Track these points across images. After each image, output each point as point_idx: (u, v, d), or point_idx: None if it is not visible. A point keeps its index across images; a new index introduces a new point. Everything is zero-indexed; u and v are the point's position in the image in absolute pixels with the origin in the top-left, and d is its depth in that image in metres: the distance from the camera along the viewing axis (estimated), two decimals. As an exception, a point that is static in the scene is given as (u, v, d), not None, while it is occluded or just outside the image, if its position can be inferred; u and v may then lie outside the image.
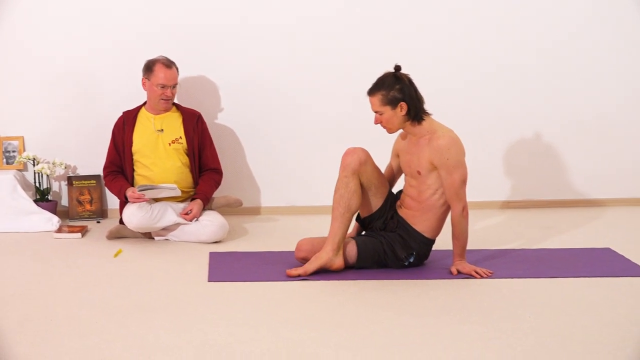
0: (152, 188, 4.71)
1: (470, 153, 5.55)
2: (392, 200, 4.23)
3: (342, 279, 4.00)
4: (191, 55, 5.37)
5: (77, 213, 5.40)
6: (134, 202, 4.72)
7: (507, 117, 5.62)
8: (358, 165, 4.05)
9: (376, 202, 4.20)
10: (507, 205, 5.71)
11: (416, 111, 4.01)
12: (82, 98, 5.41)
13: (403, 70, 4.03)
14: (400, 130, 4.17)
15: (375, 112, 4.05)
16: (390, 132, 4.13)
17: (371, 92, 4.04)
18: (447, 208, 4.11)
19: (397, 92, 3.97)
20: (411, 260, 4.14)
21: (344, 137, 4.32)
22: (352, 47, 5.46)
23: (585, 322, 3.41)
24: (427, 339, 3.24)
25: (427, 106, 4.07)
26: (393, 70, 4.04)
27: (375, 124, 4.10)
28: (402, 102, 3.98)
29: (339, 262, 4.07)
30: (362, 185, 4.10)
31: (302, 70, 5.49)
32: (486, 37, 5.54)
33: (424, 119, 4.04)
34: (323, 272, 4.06)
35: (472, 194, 5.61)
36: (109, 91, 5.39)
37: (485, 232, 4.98)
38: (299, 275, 4.03)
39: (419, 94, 4.04)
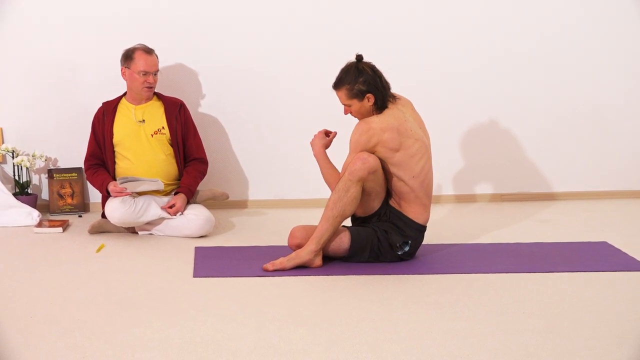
0: (133, 180, 4.63)
1: (466, 146, 5.59)
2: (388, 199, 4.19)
3: (333, 274, 3.98)
4: (174, 43, 5.30)
5: (58, 207, 5.32)
6: (116, 196, 4.64)
7: (500, 109, 5.58)
8: (366, 174, 3.97)
9: (374, 205, 4.13)
10: (502, 198, 5.68)
11: (383, 100, 4.04)
12: (62, 88, 5.33)
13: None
14: None
15: (344, 104, 4.08)
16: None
17: (336, 86, 4.06)
18: (416, 187, 4.04)
19: (361, 85, 3.99)
20: (406, 249, 4.10)
21: (335, 127, 4.30)
22: (344, 34, 5.38)
23: (581, 318, 3.39)
24: (420, 334, 3.21)
25: (421, 98, 4.02)
26: (355, 61, 4.04)
27: (345, 114, 4.13)
28: (368, 94, 4.00)
29: (318, 262, 4.06)
30: (363, 190, 4.02)
31: (291, 57, 5.41)
32: (480, 29, 5.49)
33: (387, 107, 4.05)
34: (311, 267, 4.07)
35: (468, 186, 5.64)
36: (91, 81, 5.31)
37: (480, 226, 4.95)
38: (276, 271, 4.01)
39: (384, 80, 4.06)
